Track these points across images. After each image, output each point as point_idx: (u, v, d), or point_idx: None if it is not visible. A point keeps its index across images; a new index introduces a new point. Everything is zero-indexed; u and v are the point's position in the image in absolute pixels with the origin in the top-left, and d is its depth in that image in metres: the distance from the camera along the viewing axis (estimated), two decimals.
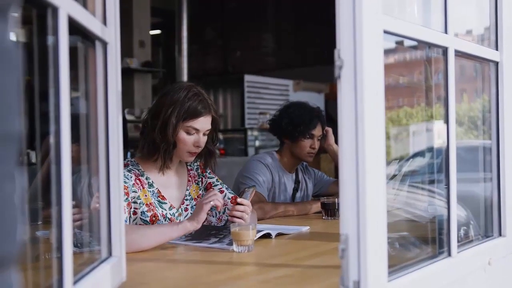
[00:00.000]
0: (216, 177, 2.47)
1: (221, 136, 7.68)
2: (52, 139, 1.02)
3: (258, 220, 2.66)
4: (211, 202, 2.01)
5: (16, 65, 0.57)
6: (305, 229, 2.36)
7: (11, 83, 0.55)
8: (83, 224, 1.45)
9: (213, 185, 2.43)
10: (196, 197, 2.38)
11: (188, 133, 2.21)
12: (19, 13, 0.62)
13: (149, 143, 2.21)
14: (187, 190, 2.36)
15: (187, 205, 2.33)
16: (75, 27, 1.12)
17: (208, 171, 2.46)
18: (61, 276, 1.02)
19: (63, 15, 1.02)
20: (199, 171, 2.44)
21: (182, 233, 1.99)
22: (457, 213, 1.57)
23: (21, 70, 0.58)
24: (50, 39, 1.03)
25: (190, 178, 2.39)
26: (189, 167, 2.42)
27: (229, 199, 2.37)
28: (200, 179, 2.43)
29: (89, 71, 1.36)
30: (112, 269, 1.33)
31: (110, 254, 1.37)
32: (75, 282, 1.09)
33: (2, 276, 0.54)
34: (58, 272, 1.02)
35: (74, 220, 1.53)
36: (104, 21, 1.36)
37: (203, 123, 2.23)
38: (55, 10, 1.01)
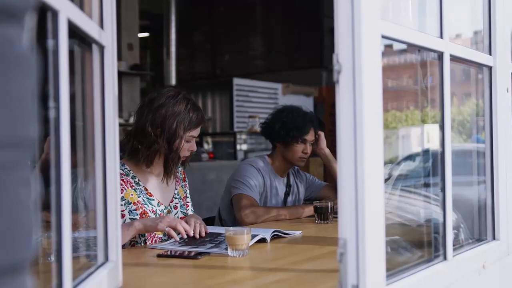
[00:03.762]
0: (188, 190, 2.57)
1: (210, 140, 7.67)
2: (51, 143, 1.01)
3: (251, 224, 2.66)
4: (166, 229, 2.06)
5: (32, 70, 0.56)
6: (298, 233, 2.36)
7: (27, 88, 0.55)
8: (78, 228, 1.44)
9: (186, 196, 2.53)
10: (183, 197, 2.47)
11: (188, 141, 2.30)
12: (35, 18, 0.62)
13: (153, 153, 2.26)
14: (175, 189, 2.44)
15: (176, 203, 2.41)
16: (73, 31, 1.11)
17: (185, 182, 2.54)
18: (60, 281, 1.01)
19: (63, 19, 1.02)
20: (182, 176, 2.53)
21: (133, 233, 2.06)
22: None
23: (36, 75, 0.58)
24: (49, 43, 1.02)
25: (177, 179, 2.47)
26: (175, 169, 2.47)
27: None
28: (184, 183, 2.53)
29: (85, 75, 1.36)
30: (109, 274, 1.32)
31: (106, 259, 1.36)
32: (73, 287, 1.08)
33: (18, 282, 0.54)
34: (57, 276, 1.01)
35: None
36: (101, 25, 1.35)
37: (199, 130, 2.35)
38: (55, 13, 1.00)
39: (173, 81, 9.02)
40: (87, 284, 1.18)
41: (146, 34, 10.54)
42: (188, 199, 2.51)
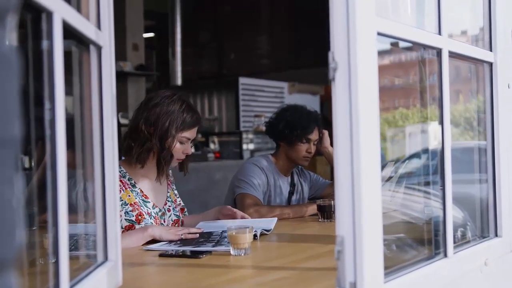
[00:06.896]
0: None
1: (216, 139, 7.67)
2: (47, 144, 1.02)
3: None
4: (182, 236, 2.14)
5: (15, 70, 0.57)
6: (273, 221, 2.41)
7: (11, 88, 0.55)
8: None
9: (176, 196, 2.55)
10: (174, 200, 2.49)
11: (181, 142, 2.32)
12: (16, 18, 0.62)
13: (145, 152, 2.26)
14: (168, 192, 2.47)
15: (169, 206, 2.44)
16: (69, 31, 1.11)
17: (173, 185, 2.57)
18: (57, 281, 1.01)
19: (58, 20, 1.02)
20: (172, 179, 2.56)
21: (147, 240, 2.10)
22: (454, 214, 1.57)
23: (19, 74, 0.58)
24: (44, 44, 1.02)
25: (169, 182, 2.51)
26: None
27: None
28: (174, 186, 2.56)
29: (83, 75, 1.36)
30: (108, 273, 1.33)
31: (106, 258, 1.37)
32: (71, 287, 1.09)
33: (1, 280, 0.55)
34: (55, 276, 1.01)
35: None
36: (98, 25, 1.35)
37: (194, 132, 2.36)
38: (49, 14, 1.00)
39: (179, 81, 9.01)
40: (86, 283, 1.19)
41: (151, 34, 10.54)
42: (179, 199, 2.55)
